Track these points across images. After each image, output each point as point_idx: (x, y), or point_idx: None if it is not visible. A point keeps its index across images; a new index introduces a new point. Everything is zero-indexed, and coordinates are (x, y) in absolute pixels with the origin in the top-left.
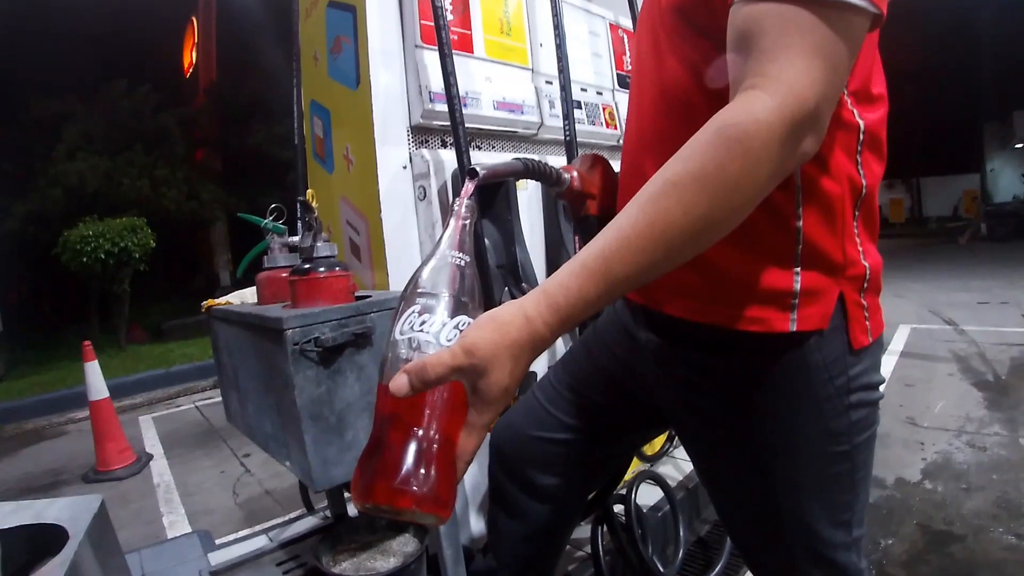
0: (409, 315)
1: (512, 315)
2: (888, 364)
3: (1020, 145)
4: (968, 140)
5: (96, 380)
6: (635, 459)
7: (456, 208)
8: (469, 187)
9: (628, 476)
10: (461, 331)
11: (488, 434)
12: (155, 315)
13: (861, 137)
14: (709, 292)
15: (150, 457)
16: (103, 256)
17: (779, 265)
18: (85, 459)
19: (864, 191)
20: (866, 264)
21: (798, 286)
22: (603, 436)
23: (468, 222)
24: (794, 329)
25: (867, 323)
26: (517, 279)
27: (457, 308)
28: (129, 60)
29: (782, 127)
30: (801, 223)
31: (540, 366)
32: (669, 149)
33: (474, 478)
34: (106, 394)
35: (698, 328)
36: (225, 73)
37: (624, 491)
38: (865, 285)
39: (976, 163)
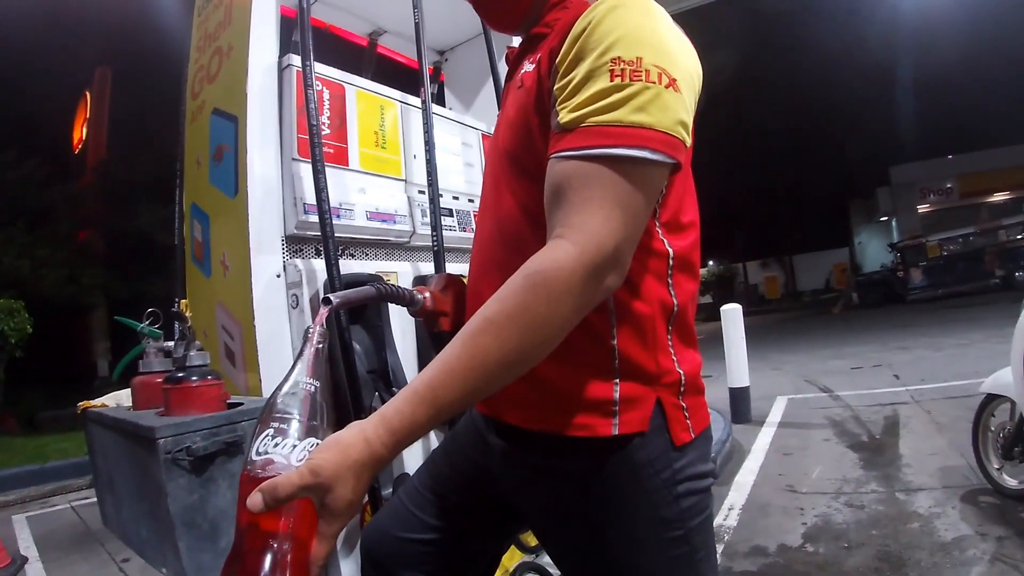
0: (264, 437)
1: (354, 438)
2: (766, 435)
3: (884, 218)
4: (836, 217)
5: None
6: (517, 550)
7: (310, 335)
8: (323, 314)
9: (510, 567)
10: (309, 451)
11: (338, 541)
12: (29, 403)
13: (671, 262)
14: (540, 403)
15: (25, 560)
16: None
17: (599, 377)
18: None
19: (676, 308)
20: (681, 371)
21: (617, 395)
22: (468, 535)
23: (322, 346)
24: (616, 432)
25: (688, 421)
26: (388, 383)
27: (308, 431)
28: (17, 128)
29: (583, 271)
30: (616, 341)
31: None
32: (502, 276)
33: None
34: None
35: (535, 435)
36: (114, 152)
37: None
38: (682, 389)
39: (844, 238)
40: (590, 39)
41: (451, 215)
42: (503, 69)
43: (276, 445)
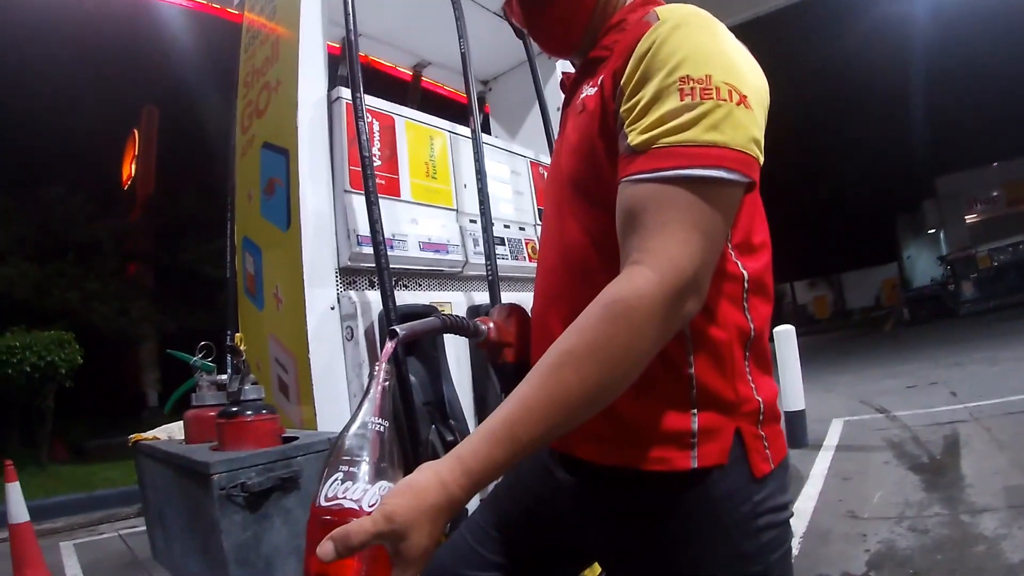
0: (333, 481)
1: (429, 481)
2: (824, 460)
3: (932, 231)
4: (883, 232)
5: (17, 502)
6: None
7: (376, 372)
8: (389, 348)
9: None
10: (382, 496)
11: None
12: (78, 432)
13: (746, 285)
14: (615, 436)
15: None
16: (28, 369)
17: (676, 408)
18: None
19: (753, 333)
20: (759, 399)
21: (696, 426)
22: (531, 572)
23: (388, 384)
24: (695, 466)
25: (767, 451)
26: (444, 416)
27: (378, 474)
28: (66, 165)
29: (664, 298)
30: (693, 370)
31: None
32: (569, 306)
33: None
34: (27, 518)
35: (607, 469)
36: (162, 188)
37: None
38: (761, 418)
39: (893, 253)
40: (656, 59)
41: (503, 243)
42: (551, 96)
43: (346, 489)
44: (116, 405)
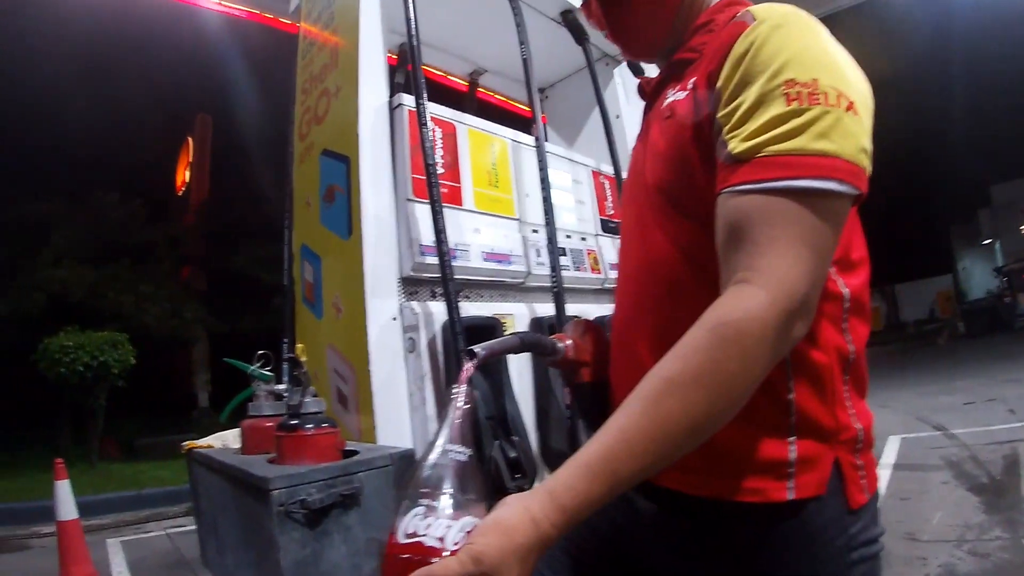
0: (413, 516)
1: (519, 519)
2: (882, 479)
3: (988, 241)
4: (937, 243)
5: (66, 499)
6: None
7: (454, 395)
8: (468, 369)
9: None
10: (467, 533)
11: None
12: (128, 431)
13: (846, 305)
14: (706, 466)
15: None
16: (81, 368)
17: (774, 436)
18: None
19: (852, 356)
20: (858, 427)
21: (794, 456)
22: None
23: (467, 408)
24: (792, 497)
25: (862, 482)
26: (507, 432)
27: (460, 508)
28: (122, 170)
29: (776, 321)
30: (793, 395)
31: None
32: (655, 321)
33: None
34: (76, 515)
35: (695, 500)
36: (216, 193)
37: None
38: (859, 446)
39: (947, 264)
40: (756, 61)
41: (565, 254)
42: (611, 103)
43: (428, 526)
44: (167, 405)
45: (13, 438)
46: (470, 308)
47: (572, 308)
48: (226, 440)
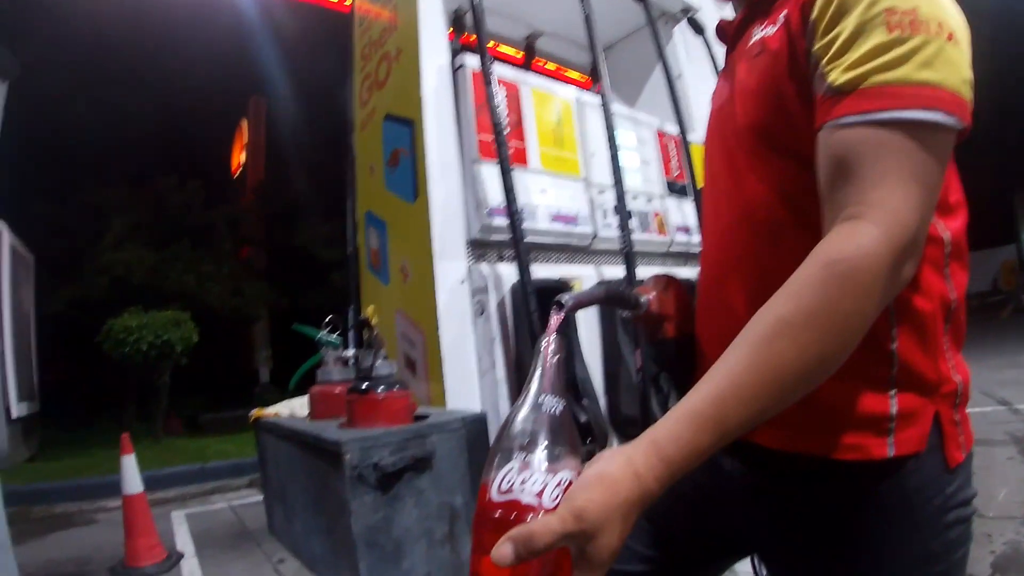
0: (507, 472)
1: (622, 472)
2: None
3: None
4: (1000, 212)
5: (132, 474)
6: None
7: (544, 346)
8: (556, 319)
9: None
10: (565, 488)
11: None
12: (192, 407)
13: (947, 249)
14: (802, 421)
15: (180, 556)
16: (145, 348)
17: (874, 389)
18: (113, 551)
19: (954, 304)
20: (958, 380)
21: (895, 410)
22: (683, 566)
23: (559, 358)
24: (892, 454)
25: (961, 439)
26: (577, 395)
27: (556, 462)
28: (180, 155)
29: (890, 257)
30: (896, 345)
31: None
32: (753, 269)
33: None
34: (141, 489)
35: (790, 457)
36: (271, 174)
37: None
38: (958, 401)
39: (1011, 234)
40: None
41: (631, 216)
42: (672, 61)
43: (523, 481)
44: (229, 381)
45: (82, 417)
46: (537, 271)
47: (640, 271)
48: (293, 408)
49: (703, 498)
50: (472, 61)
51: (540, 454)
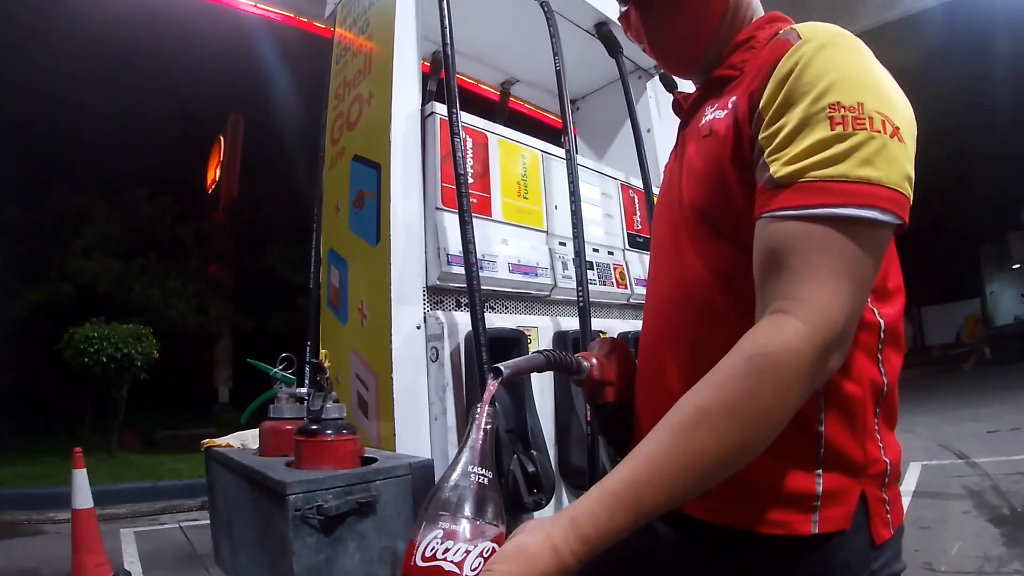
0: (431, 539)
1: (540, 547)
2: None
3: (1018, 265)
4: (965, 265)
5: (83, 488)
6: None
7: (477, 415)
8: (492, 388)
9: None
10: (486, 559)
11: None
12: (148, 422)
13: (882, 335)
14: (730, 495)
15: (127, 575)
16: (105, 360)
17: (801, 468)
18: (60, 565)
19: (886, 388)
20: (887, 460)
21: (820, 488)
22: None
23: (491, 428)
24: (816, 531)
25: (888, 516)
26: (527, 445)
27: (481, 532)
28: (153, 167)
29: (813, 353)
30: (823, 428)
31: None
32: (687, 345)
33: None
34: (91, 504)
35: (717, 529)
36: (244, 193)
37: None
38: (886, 480)
39: (975, 287)
40: (800, 81)
41: (592, 268)
42: (643, 117)
43: (446, 550)
44: (188, 399)
45: (36, 425)
46: (495, 319)
47: (597, 323)
48: (245, 440)
49: (634, 557)
50: (442, 109)
51: (464, 523)
